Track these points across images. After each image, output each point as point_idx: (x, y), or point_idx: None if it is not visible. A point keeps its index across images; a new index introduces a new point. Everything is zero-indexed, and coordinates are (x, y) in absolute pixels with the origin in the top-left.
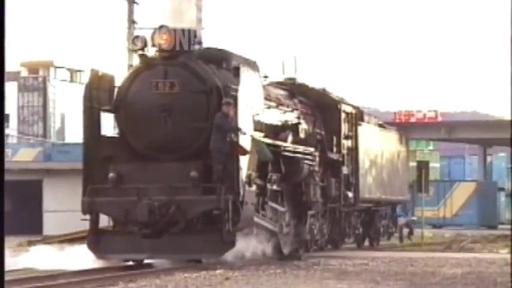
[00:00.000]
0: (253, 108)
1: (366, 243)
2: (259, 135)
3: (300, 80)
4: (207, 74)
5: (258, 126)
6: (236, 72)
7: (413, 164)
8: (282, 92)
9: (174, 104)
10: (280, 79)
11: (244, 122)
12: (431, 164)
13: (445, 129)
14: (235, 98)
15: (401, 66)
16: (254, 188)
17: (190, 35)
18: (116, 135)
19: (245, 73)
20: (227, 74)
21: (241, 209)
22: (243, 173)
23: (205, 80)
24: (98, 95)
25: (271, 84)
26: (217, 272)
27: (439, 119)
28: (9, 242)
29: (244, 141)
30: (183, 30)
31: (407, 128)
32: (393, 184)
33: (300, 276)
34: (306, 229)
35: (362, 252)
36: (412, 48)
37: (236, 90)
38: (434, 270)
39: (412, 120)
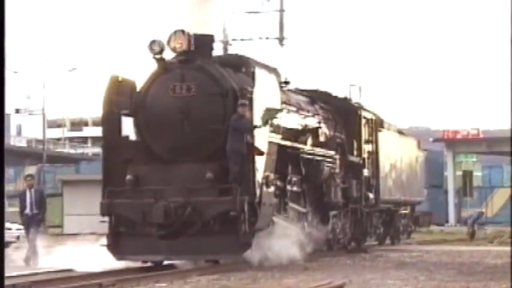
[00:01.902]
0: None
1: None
2: (276, 137)
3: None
4: (223, 77)
5: (276, 128)
6: (254, 76)
7: (459, 173)
8: (303, 98)
9: (191, 106)
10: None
11: (259, 123)
12: (474, 173)
13: (486, 143)
14: (250, 100)
15: (449, 90)
16: (272, 189)
17: (208, 40)
18: (136, 139)
19: (261, 76)
20: (245, 77)
21: (259, 209)
22: (260, 174)
23: (221, 83)
24: (118, 99)
25: (293, 90)
26: (299, 263)
27: (481, 135)
28: None
29: (260, 142)
30: (198, 35)
31: (454, 143)
32: (412, 186)
33: (366, 266)
34: (328, 229)
35: (417, 246)
36: (459, 74)
37: (251, 92)
38: (478, 260)
39: (458, 136)
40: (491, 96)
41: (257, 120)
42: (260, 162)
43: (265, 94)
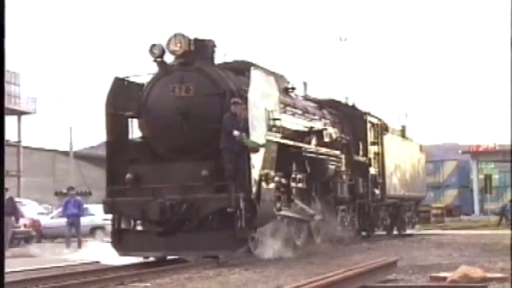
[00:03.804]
0: (267, 110)
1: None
2: (276, 136)
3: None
4: (220, 78)
5: (275, 128)
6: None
7: (481, 176)
8: (311, 104)
9: (189, 107)
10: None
11: (255, 121)
12: (493, 176)
13: (501, 154)
14: (245, 99)
15: (473, 112)
16: (272, 185)
17: (208, 44)
18: (140, 140)
19: (256, 76)
20: (245, 80)
21: (258, 206)
22: (256, 171)
23: (218, 83)
24: (125, 102)
25: (303, 96)
26: (363, 244)
27: (497, 148)
28: None
29: (255, 140)
30: (197, 39)
31: (477, 154)
32: (415, 184)
33: (413, 246)
34: (337, 221)
35: (451, 231)
36: (482, 98)
37: (247, 92)
38: (498, 241)
39: (480, 149)
40: (506, 115)
41: (252, 119)
42: (256, 159)
43: (260, 94)
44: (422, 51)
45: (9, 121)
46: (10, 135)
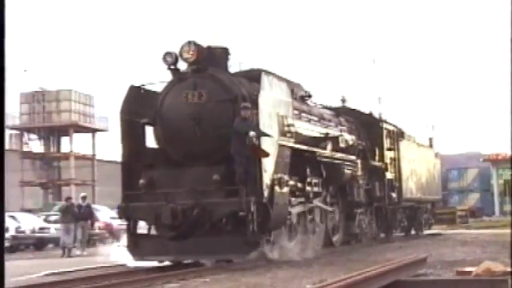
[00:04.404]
0: (279, 115)
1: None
2: (289, 141)
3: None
4: (232, 84)
5: (289, 133)
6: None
7: (501, 181)
8: (327, 111)
9: (202, 112)
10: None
11: (266, 126)
12: None
13: None
14: (256, 103)
15: (495, 124)
16: (286, 189)
17: (221, 52)
18: (156, 147)
19: (267, 82)
20: (258, 86)
21: (271, 209)
22: (268, 175)
23: (230, 89)
24: (140, 110)
25: (321, 104)
26: (395, 243)
27: None
28: None
29: (266, 145)
30: (210, 47)
31: (497, 162)
32: (431, 187)
33: (441, 244)
34: (355, 224)
35: (475, 230)
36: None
37: (257, 96)
38: None
39: (500, 157)
40: None
41: (262, 123)
42: (268, 163)
43: (272, 99)
44: (446, 67)
45: (85, 138)
46: (86, 149)
